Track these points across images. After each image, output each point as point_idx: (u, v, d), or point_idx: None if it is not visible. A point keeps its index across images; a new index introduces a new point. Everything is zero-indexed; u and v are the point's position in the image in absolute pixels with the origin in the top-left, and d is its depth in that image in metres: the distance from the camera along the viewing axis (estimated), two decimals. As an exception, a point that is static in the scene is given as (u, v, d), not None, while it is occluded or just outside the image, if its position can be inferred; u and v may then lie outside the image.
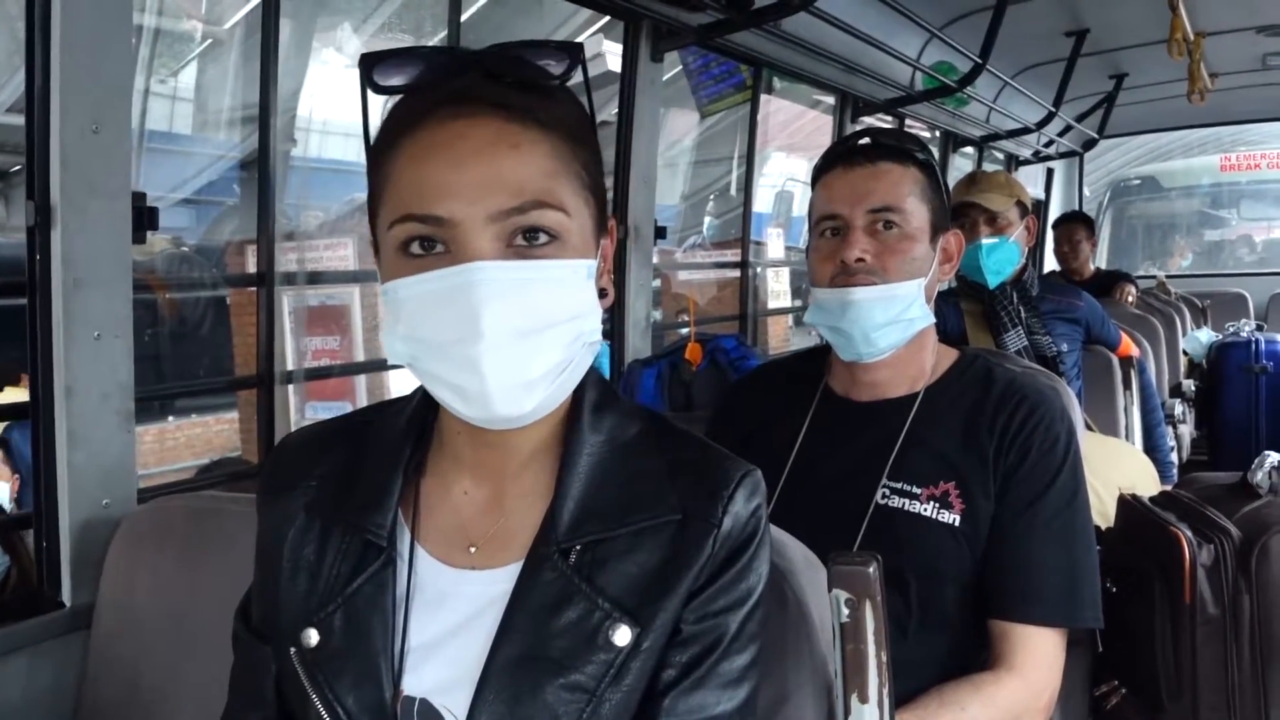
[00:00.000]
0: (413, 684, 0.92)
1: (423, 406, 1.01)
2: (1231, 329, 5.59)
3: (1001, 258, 2.77)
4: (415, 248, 0.86)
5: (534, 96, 0.88)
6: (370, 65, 0.89)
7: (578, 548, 0.91)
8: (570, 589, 0.90)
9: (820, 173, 1.58)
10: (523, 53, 0.89)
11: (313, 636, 0.92)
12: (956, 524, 1.44)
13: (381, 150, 0.90)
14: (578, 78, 0.92)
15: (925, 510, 1.46)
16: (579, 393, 0.97)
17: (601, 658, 0.88)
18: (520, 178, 0.85)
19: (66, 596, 1.60)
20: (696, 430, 1.05)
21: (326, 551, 0.96)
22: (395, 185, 0.87)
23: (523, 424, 0.90)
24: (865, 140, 1.57)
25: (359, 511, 0.95)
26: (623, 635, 0.88)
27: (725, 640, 0.92)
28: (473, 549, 0.95)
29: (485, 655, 0.89)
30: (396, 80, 0.89)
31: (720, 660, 0.91)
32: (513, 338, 0.84)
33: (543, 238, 0.86)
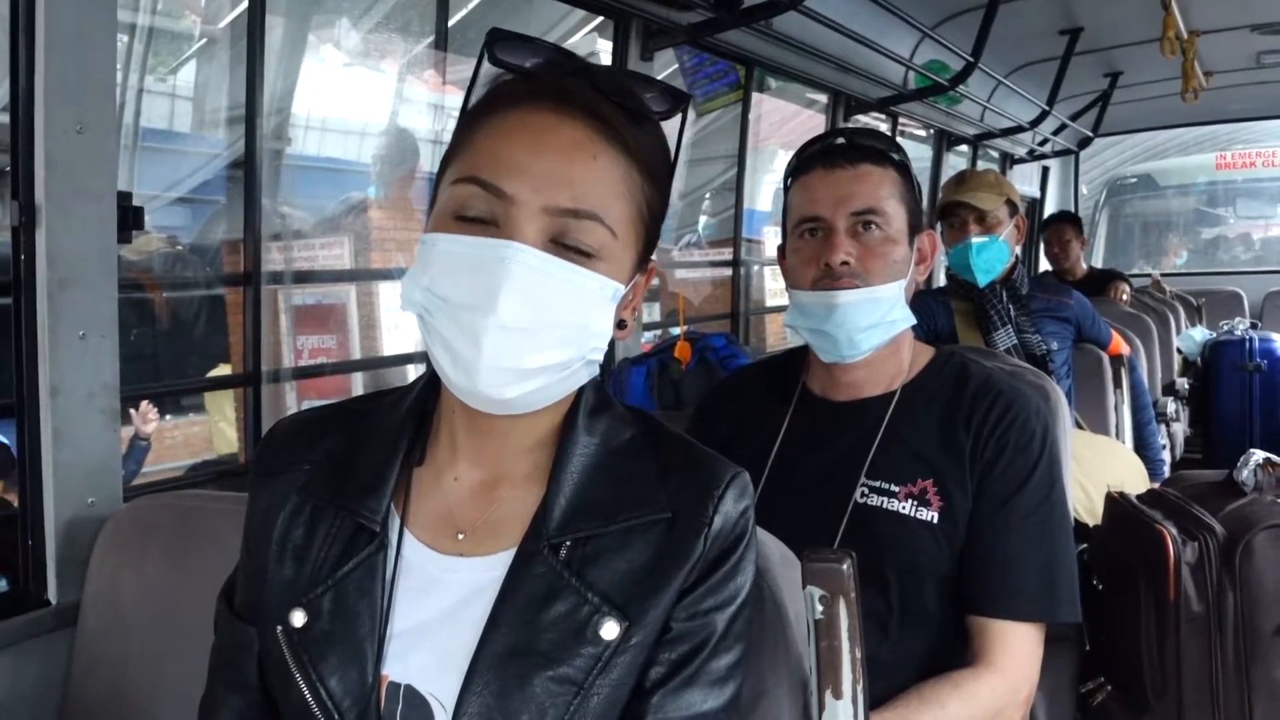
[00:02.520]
0: (397, 669, 0.92)
1: (423, 395, 1.02)
2: (1226, 327, 5.59)
3: (991, 256, 2.77)
4: (470, 210, 0.88)
5: (628, 121, 0.92)
6: (495, 40, 0.93)
7: (568, 543, 0.92)
8: (560, 583, 0.91)
9: (797, 173, 1.57)
10: (633, 83, 0.93)
11: (300, 617, 0.93)
12: (935, 521, 1.45)
13: (474, 116, 0.93)
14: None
15: (904, 508, 1.46)
16: (577, 395, 0.98)
17: (589, 651, 0.89)
18: (587, 186, 0.89)
19: (52, 594, 1.60)
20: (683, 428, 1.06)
21: (315, 534, 0.96)
22: (473, 150, 0.90)
23: (504, 411, 0.92)
24: (841, 140, 1.56)
25: (353, 496, 0.96)
26: (610, 629, 0.89)
27: (714, 639, 0.93)
28: (461, 535, 0.96)
29: (473, 643, 0.90)
30: (514, 60, 0.93)
31: (709, 659, 0.93)
32: (520, 324, 0.86)
33: (584, 247, 0.89)
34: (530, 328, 0.87)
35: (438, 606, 0.94)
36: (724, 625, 0.94)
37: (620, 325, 0.97)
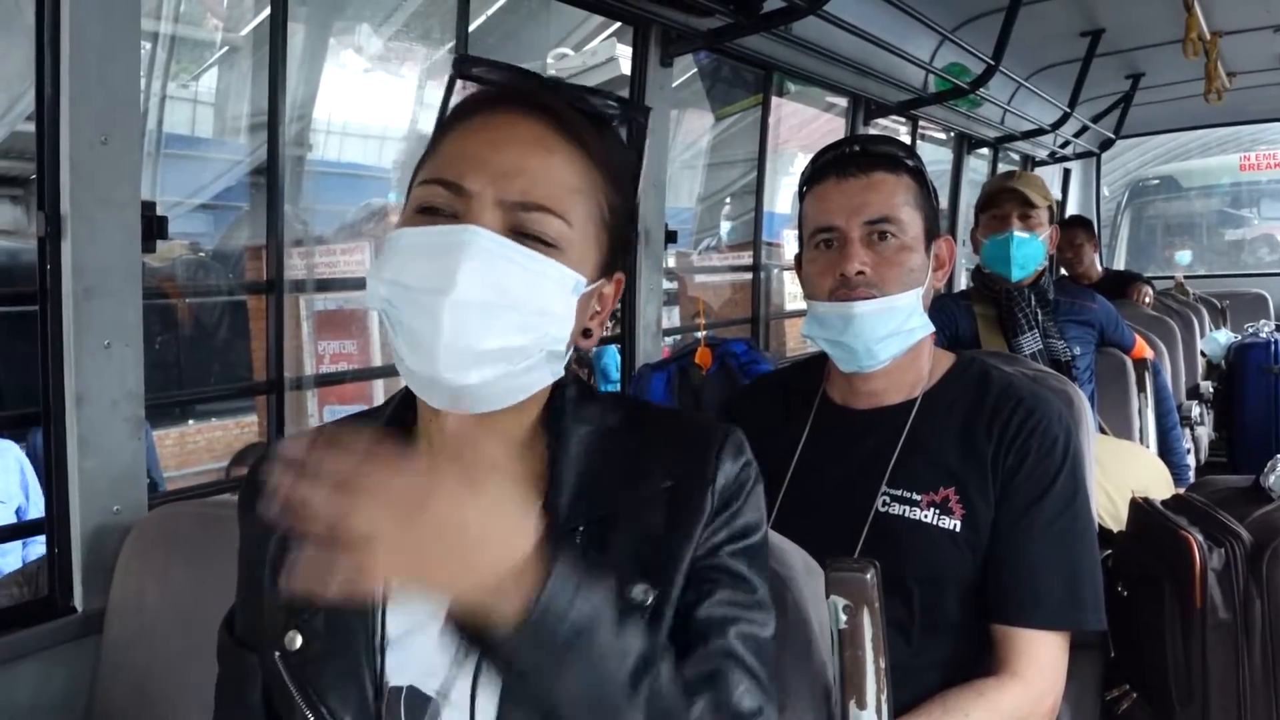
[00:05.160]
0: (395, 675, 0.93)
1: (400, 409, 1.03)
2: (1251, 330, 5.53)
3: (1029, 254, 2.75)
4: (431, 206, 0.91)
5: (588, 125, 0.94)
6: (463, 64, 0.98)
7: (581, 528, 0.93)
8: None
9: (811, 183, 1.57)
10: (591, 94, 0.97)
11: (296, 639, 0.94)
12: (957, 530, 1.44)
13: (440, 129, 0.96)
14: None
15: (926, 517, 1.45)
16: (559, 391, 1.00)
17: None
18: (540, 179, 0.91)
19: (78, 601, 1.62)
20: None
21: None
22: (437, 155, 0.94)
23: (464, 401, 0.92)
24: (854, 148, 1.55)
25: None
26: (640, 591, 0.90)
27: (731, 572, 0.94)
28: None
29: None
30: (482, 75, 0.98)
31: (733, 589, 0.94)
32: (477, 302, 0.87)
33: (544, 238, 0.91)
34: (487, 306, 0.88)
35: (426, 607, 0.94)
36: (743, 561, 0.95)
37: (586, 334, 0.98)
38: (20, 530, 2.52)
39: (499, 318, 0.88)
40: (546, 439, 0.99)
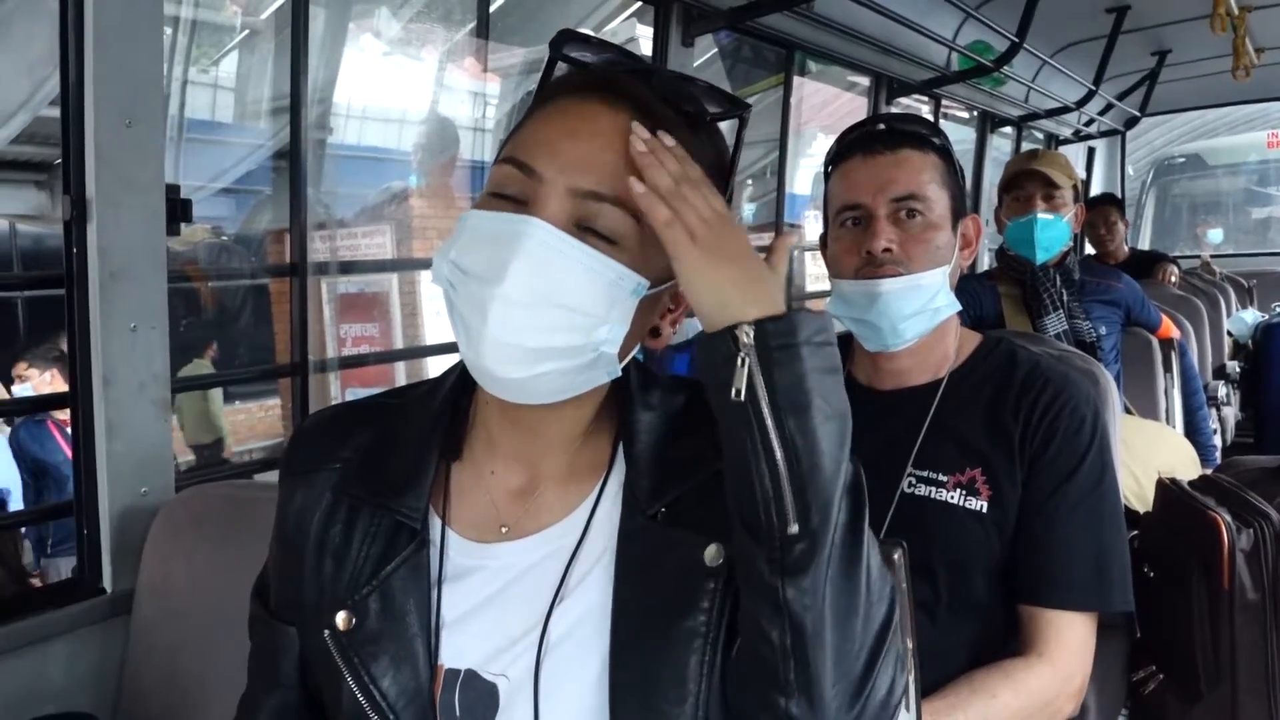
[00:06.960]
0: (452, 658, 0.92)
1: (456, 389, 1.01)
2: (1278, 309, 5.49)
3: (1054, 235, 2.73)
4: (504, 189, 0.88)
5: (680, 123, 0.90)
6: (563, 39, 0.94)
7: (662, 510, 0.92)
8: (668, 538, 0.91)
9: (837, 161, 1.56)
10: (691, 88, 0.93)
11: (346, 619, 0.93)
12: (984, 511, 1.43)
13: (530, 108, 0.93)
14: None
15: (952, 498, 1.45)
16: (625, 377, 0.97)
17: (709, 586, 0.89)
18: (614, 173, 0.87)
19: (107, 582, 1.64)
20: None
21: (354, 533, 0.96)
22: (518, 136, 0.91)
23: (516, 393, 0.90)
24: (881, 126, 1.54)
25: (390, 493, 0.96)
26: (713, 553, 0.89)
27: None
28: (504, 528, 0.96)
29: (532, 621, 0.91)
30: (577, 56, 0.94)
31: None
32: (524, 299, 0.84)
33: (606, 233, 0.87)
34: (534, 305, 0.85)
35: (483, 591, 0.94)
36: None
37: (654, 333, 0.95)
38: (49, 512, 2.55)
39: (546, 316, 0.85)
40: (611, 427, 0.97)
